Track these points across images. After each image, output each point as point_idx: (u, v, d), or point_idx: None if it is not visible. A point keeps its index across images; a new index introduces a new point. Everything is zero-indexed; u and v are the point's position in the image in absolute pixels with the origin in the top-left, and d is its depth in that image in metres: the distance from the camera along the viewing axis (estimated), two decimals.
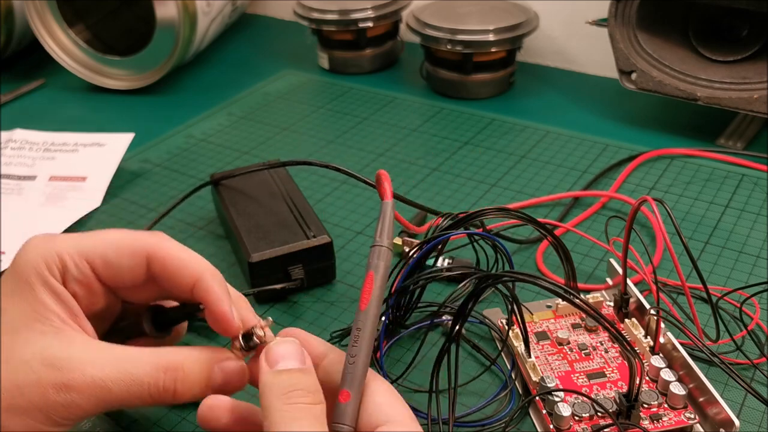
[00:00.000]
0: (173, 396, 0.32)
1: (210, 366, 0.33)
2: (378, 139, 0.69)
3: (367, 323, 0.32)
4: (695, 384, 0.38)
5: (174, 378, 0.32)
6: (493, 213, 0.39)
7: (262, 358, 0.32)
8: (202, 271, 0.34)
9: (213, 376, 0.33)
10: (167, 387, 0.32)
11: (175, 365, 0.32)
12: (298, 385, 0.30)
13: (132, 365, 0.32)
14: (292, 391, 0.30)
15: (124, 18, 0.88)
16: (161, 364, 0.32)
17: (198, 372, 0.33)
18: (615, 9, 0.65)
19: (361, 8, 0.79)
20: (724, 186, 0.59)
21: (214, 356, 0.34)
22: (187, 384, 0.33)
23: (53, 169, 0.64)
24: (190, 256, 0.35)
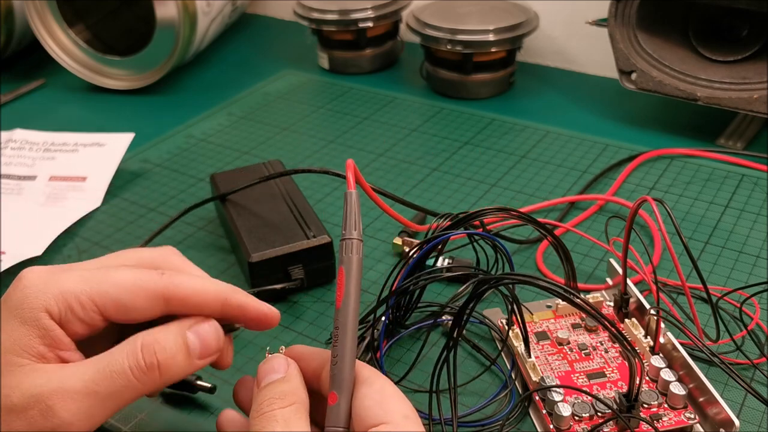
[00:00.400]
0: (159, 372, 0.32)
1: (182, 332, 0.33)
2: (378, 139, 0.69)
3: (345, 321, 0.32)
4: (695, 384, 0.38)
5: (152, 351, 0.32)
6: (493, 213, 0.39)
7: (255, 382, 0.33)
8: (225, 295, 0.34)
9: (190, 342, 0.33)
10: (150, 363, 0.32)
11: (148, 341, 0.32)
12: (272, 393, 0.31)
13: (109, 359, 0.31)
14: (265, 401, 0.31)
15: (124, 18, 0.88)
16: (135, 346, 0.32)
17: (173, 341, 0.33)
18: (615, 9, 0.65)
19: (361, 8, 0.79)
20: (724, 186, 0.59)
21: (184, 323, 0.34)
22: (167, 353, 0.32)
23: (53, 169, 0.64)
24: (206, 285, 0.34)
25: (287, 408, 0.31)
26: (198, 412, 0.41)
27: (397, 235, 0.53)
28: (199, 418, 0.41)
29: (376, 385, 0.31)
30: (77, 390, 0.30)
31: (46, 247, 0.54)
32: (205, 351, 0.34)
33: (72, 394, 0.30)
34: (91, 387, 0.31)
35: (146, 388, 0.32)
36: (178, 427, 0.40)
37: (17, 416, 0.30)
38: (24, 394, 0.30)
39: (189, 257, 0.38)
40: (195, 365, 0.33)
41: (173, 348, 0.32)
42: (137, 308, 0.33)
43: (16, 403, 0.30)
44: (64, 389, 0.30)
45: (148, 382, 0.32)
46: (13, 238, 0.55)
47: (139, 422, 0.40)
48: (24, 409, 0.30)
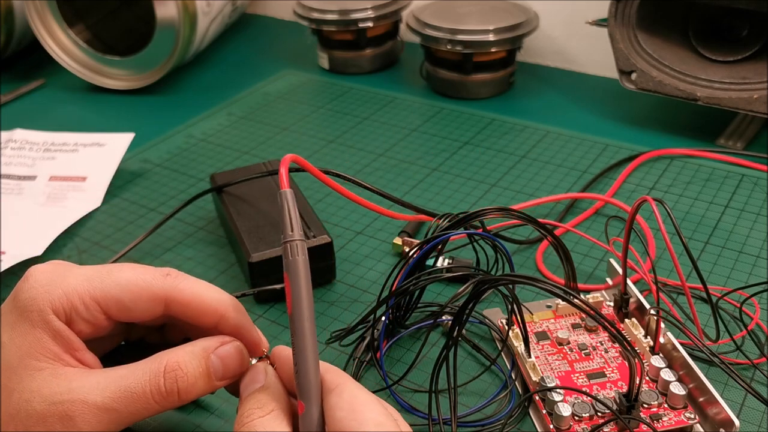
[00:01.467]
0: (179, 396, 0.32)
1: (206, 356, 0.33)
2: (378, 139, 0.69)
3: (302, 327, 0.31)
4: (695, 384, 0.38)
5: (174, 378, 0.32)
6: (493, 213, 0.39)
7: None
8: (224, 309, 0.35)
9: (212, 365, 0.33)
10: (170, 389, 0.32)
11: (171, 366, 0.32)
12: (252, 404, 0.32)
13: (131, 381, 0.32)
14: (245, 413, 0.31)
15: (124, 18, 0.88)
16: (158, 369, 0.32)
17: (196, 366, 0.33)
18: (615, 9, 0.65)
19: (361, 8, 0.79)
20: (724, 186, 0.59)
21: (208, 345, 0.34)
22: (189, 380, 0.33)
23: (53, 169, 0.64)
24: (208, 293, 0.35)
25: (266, 417, 0.31)
26: (198, 412, 0.41)
27: (397, 235, 0.53)
28: (199, 418, 0.41)
29: (345, 394, 0.31)
30: (97, 405, 0.31)
31: (46, 247, 0.54)
32: (227, 374, 0.34)
33: (92, 407, 0.31)
34: (111, 404, 0.31)
35: (164, 409, 0.32)
36: (178, 427, 0.40)
37: (37, 422, 0.31)
38: (45, 401, 0.31)
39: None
40: (216, 386, 0.34)
41: (195, 374, 0.33)
42: (139, 309, 0.34)
43: (38, 410, 0.31)
44: (84, 402, 0.31)
45: (166, 405, 0.32)
46: (13, 238, 0.55)
47: (139, 422, 0.40)
48: (45, 417, 0.31)
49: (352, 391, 0.31)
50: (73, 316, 0.33)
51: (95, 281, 0.33)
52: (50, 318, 0.32)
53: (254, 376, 0.33)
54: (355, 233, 0.55)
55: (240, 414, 0.32)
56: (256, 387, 0.33)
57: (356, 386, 0.31)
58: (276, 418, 0.31)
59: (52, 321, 0.32)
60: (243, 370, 0.34)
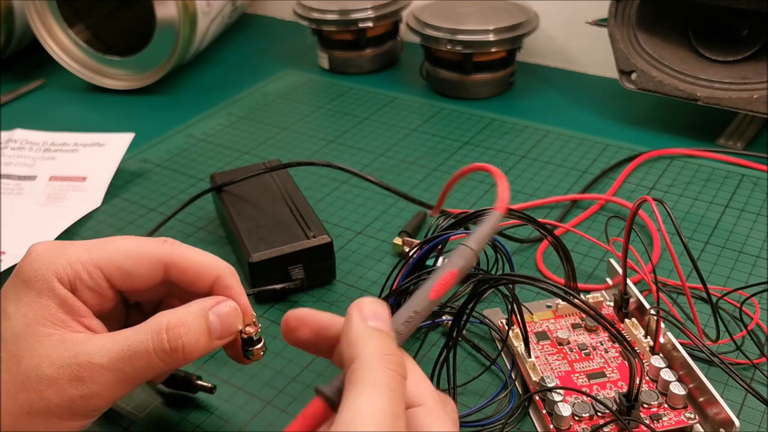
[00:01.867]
0: (183, 353, 0.33)
1: (205, 315, 0.34)
2: (378, 139, 0.69)
3: (424, 311, 0.31)
4: (695, 384, 0.38)
5: (177, 335, 0.33)
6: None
7: (354, 308, 0.30)
8: (220, 271, 0.36)
9: (212, 324, 0.34)
10: (174, 346, 0.33)
11: (174, 323, 0.33)
12: (393, 351, 0.28)
13: (134, 340, 0.33)
14: (390, 355, 0.28)
15: (124, 18, 0.88)
16: (160, 327, 0.33)
17: (197, 323, 0.34)
18: (615, 9, 0.65)
19: (361, 8, 0.79)
20: (724, 186, 0.59)
21: (205, 304, 0.34)
22: (191, 337, 0.33)
23: (53, 169, 0.64)
24: (205, 258, 0.36)
25: (404, 380, 0.28)
26: (198, 412, 0.41)
27: (397, 235, 0.53)
28: (199, 418, 0.41)
29: (418, 371, 0.30)
30: (104, 365, 0.32)
31: None
32: (225, 332, 0.35)
33: (99, 368, 0.32)
34: (117, 364, 0.32)
35: (168, 367, 0.33)
36: (178, 427, 0.40)
37: (48, 385, 0.31)
38: (54, 364, 0.32)
39: None
40: (214, 345, 0.34)
41: (197, 331, 0.33)
42: (140, 275, 0.35)
43: (48, 374, 0.32)
44: (92, 363, 0.32)
45: (170, 362, 0.33)
46: (13, 238, 0.55)
47: (139, 422, 0.40)
48: (54, 380, 0.31)
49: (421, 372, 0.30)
50: (78, 285, 0.34)
51: (96, 250, 0.35)
52: (55, 286, 0.33)
53: (383, 315, 0.30)
54: (355, 233, 0.55)
55: (376, 342, 0.28)
56: (385, 328, 0.29)
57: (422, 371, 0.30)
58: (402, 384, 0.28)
59: (57, 288, 0.33)
60: (237, 330, 0.35)
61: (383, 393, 0.26)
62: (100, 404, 0.32)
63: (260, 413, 0.41)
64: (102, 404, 0.33)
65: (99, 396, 0.32)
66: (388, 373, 0.27)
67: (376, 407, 0.26)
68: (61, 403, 0.31)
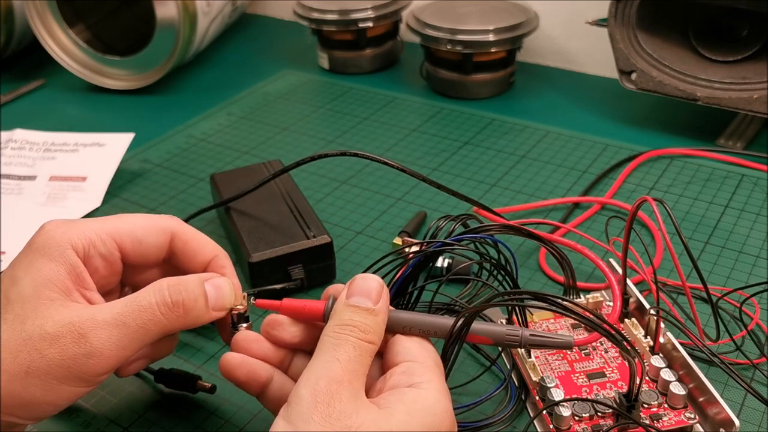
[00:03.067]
0: (184, 310, 0.34)
1: (202, 282, 0.35)
2: (378, 139, 0.69)
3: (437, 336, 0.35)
4: (695, 384, 0.38)
5: (178, 291, 0.34)
6: (495, 230, 0.39)
7: (346, 285, 0.34)
8: (217, 251, 0.38)
9: (208, 292, 0.35)
10: (176, 300, 0.34)
11: (173, 282, 0.34)
12: (355, 321, 0.33)
13: (137, 296, 0.34)
14: (347, 325, 0.33)
15: (124, 18, 0.88)
16: (162, 285, 0.34)
17: (196, 285, 0.35)
18: (615, 9, 0.65)
19: (361, 8, 0.79)
20: (724, 186, 0.59)
21: (202, 275, 0.36)
22: (190, 295, 0.34)
23: (53, 169, 0.64)
24: (205, 237, 0.39)
25: (363, 342, 0.32)
26: (198, 412, 0.41)
27: (397, 235, 0.53)
28: (199, 418, 0.41)
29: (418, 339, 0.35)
30: (107, 321, 0.32)
31: None
32: (220, 303, 0.36)
33: (102, 324, 0.32)
34: (120, 319, 0.33)
35: (171, 324, 0.34)
36: (178, 427, 0.40)
37: (50, 344, 0.32)
38: (57, 323, 0.32)
39: None
40: (211, 315, 0.36)
41: (195, 291, 0.35)
42: (149, 243, 0.37)
43: (50, 332, 0.32)
44: (95, 320, 0.32)
45: (172, 319, 0.34)
46: (13, 238, 0.55)
47: (140, 421, 0.40)
48: (57, 337, 0.32)
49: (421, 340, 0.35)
50: (91, 252, 0.35)
51: (108, 222, 0.36)
52: (68, 253, 0.34)
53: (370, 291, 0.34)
54: (355, 233, 0.55)
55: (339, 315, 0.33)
56: (367, 304, 0.33)
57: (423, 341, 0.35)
58: (370, 352, 0.33)
59: (69, 255, 0.34)
60: (230, 304, 0.36)
61: (329, 359, 0.31)
62: (102, 365, 0.32)
63: (260, 413, 0.41)
64: (103, 365, 0.32)
65: (101, 354, 0.32)
66: (339, 337, 0.32)
67: (317, 373, 0.31)
68: (62, 362, 0.31)
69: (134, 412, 0.41)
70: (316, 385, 0.30)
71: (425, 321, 0.35)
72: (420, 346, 0.34)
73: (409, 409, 0.31)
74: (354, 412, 0.30)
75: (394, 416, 0.30)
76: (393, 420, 0.30)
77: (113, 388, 0.42)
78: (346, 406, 0.30)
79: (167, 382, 0.42)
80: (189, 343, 0.46)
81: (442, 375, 0.33)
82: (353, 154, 0.49)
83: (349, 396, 0.30)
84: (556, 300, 0.34)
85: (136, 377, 0.43)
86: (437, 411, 0.31)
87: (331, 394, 0.30)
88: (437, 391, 0.32)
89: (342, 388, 0.30)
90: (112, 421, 0.40)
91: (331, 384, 0.30)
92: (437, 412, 0.31)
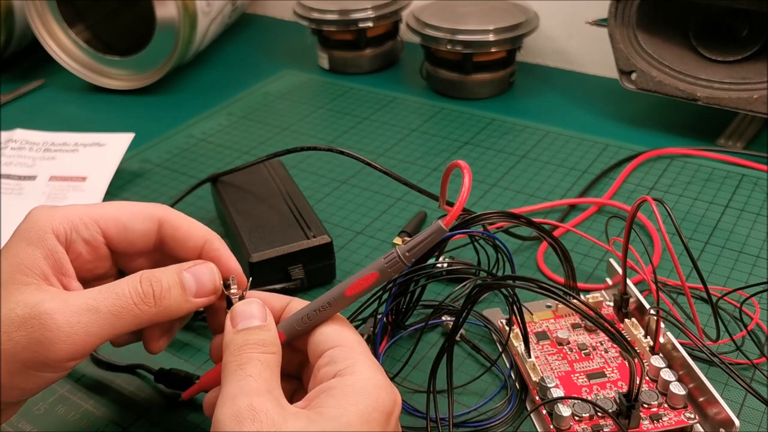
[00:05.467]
0: (155, 300, 0.34)
1: (179, 271, 0.35)
2: (378, 139, 0.69)
3: (337, 304, 0.34)
4: (695, 384, 0.38)
5: (149, 281, 0.34)
6: (494, 217, 0.39)
7: (228, 318, 0.34)
8: (209, 236, 0.37)
9: (186, 281, 0.35)
10: (146, 291, 0.34)
11: (147, 274, 0.34)
12: (252, 340, 0.32)
13: (115, 284, 0.34)
14: (245, 345, 0.32)
15: (124, 18, 0.88)
16: (136, 276, 0.34)
17: (170, 276, 0.35)
18: (615, 9, 0.65)
19: (361, 8, 0.79)
20: (724, 186, 0.59)
21: (182, 264, 0.36)
22: (162, 285, 0.34)
23: (53, 169, 0.64)
24: (195, 223, 0.38)
25: (268, 355, 0.32)
26: (198, 412, 0.41)
27: (397, 235, 0.53)
28: (199, 418, 0.41)
29: (336, 321, 0.34)
30: (78, 305, 0.32)
31: None
32: (201, 290, 0.35)
33: (73, 307, 0.32)
34: (92, 303, 0.32)
35: (144, 314, 0.34)
36: (178, 427, 0.40)
37: (18, 327, 0.31)
38: (26, 306, 0.32)
39: None
40: (192, 303, 0.35)
41: (168, 282, 0.34)
42: (135, 229, 0.36)
43: (20, 314, 0.31)
44: (65, 303, 0.32)
45: (145, 309, 0.33)
46: None
47: (140, 421, 0.40)
48: (26, 320, 0.31)
49: (342, 319, 0.35)
50: (73, 236, 0.35)
51: (95, 207, 0.36)
52: (47, 236, 0.34)
53: (254, 312, 0.34)
54: (355, 233, 0.55)
55: (237, 343, 0.32)
56: (254, 323, 0.33)
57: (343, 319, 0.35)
58: (275, 362, 0.32)
59: (48, 239, 0.34)
60: (215, 291, 0.36)
61: (240, 378, 0.30)
62: (69, 350, 0.31)
63: None
64: (71, 350, 0.31)
65: (68, 339, 0.31)
66: (242, 356, 0.31)
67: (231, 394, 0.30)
68: (29, 346, 0.31)
69: (134, 412, 0.41)
70: (234, 405, 0.29)
71: (318, 301, 0.34)
72: (339, 329, 0.34)
73: (339, 402, 0.29)
74: (282, 422, 0.28)
75: (324, 415, 0.29)
76: (324, 419, 0.29)
77: (113, 388, 0.42)
78: (274, 416, 0.28)
79: (167, 382, 0.42)
80: (189, 343, 0.46)
81: (366, 351, 0.32)
82: (339, 151, 0.50)
83: (273, 405, 0.29)
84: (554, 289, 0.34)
85: (136, 377, 0.43)
86: (370, 391, 0.30)
87: (254, 409, 0.29)
88: (365, 370, 0.31)
89: (264, 399, 0.29)
90: (112, 421, 0.40)
91: (250, 398, 0.29)
92: (370, 392, 0.30)
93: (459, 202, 0.33)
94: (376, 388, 0.30)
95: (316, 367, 0.33)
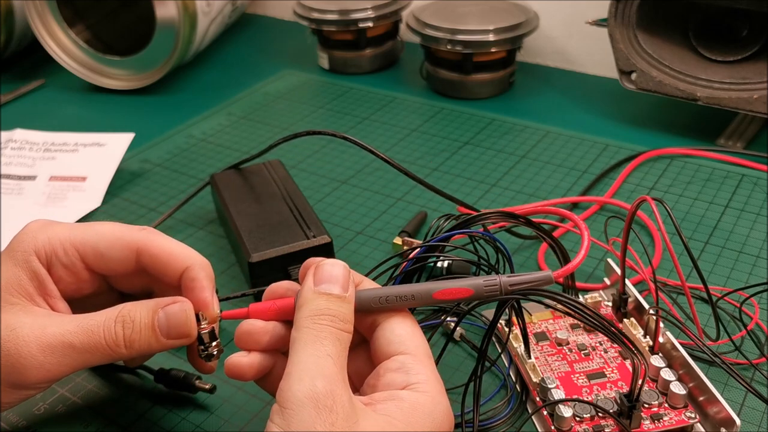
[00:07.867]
0: (126, 344, 0.34)
1: (155, 310, 0.35)
2: (378, 139, 0.69)
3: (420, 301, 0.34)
4: (695, 383, 0.38)
5: (122, 324, 0.34)
6: (494, 217, 0.39)
7: (310, 273, 0.33)
8: (190, 262, 0.37)
9: (158, 320, 0.34)
10: (118, 333, 0.34)
11: (123, 314, 0.34)
12: (332, 310, 0.32)
13: (89, 320, 0.34)
14: (324, 314, 0.31)
15: (124, 18, 0.88)
16: (113, 315, 0.34)
17: (144, 316, 0.34)
18: (615, 9, 0.65)
19: (361, 8, 0.79)
20: (724, 186, 0.59)
21: (161, 301, 0.35)
22: (135, 329, 0.34)
23: (53, 169, 0.64)
24: (179, 248, 0.37)
25: (344, 333, 0.32)
26: (198, 412, 0.41)
27: (397, 235, 0.53)
28: (199, 418, 0.41)
29: (408, 320, 0.34)
30: (55, 335, 0.33)
31: None
32: (173, 331, 0.35)
33: (49, 338, 0.33)
34: (68, 338, 0.33)
35: (116, 354, 0.34)
36: (178, 427, 0.40)
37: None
38: (7, 328, 0.33)
39: None
40: (163, 344, 0.35)
41: (140, 324, 0.34)
42: (112, 257, 0.37)
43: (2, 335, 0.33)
44: (42, 331, 0.33)
45: (116, 350, 0.34)
46: None
47: (140, 421, 0.40)
48: (3, 341, 0.32)
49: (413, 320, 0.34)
50: (53, 260, 0.36)
51: (77, 231, 0.36)
52: (31, 258, 0.35)
53: (339, 277, 0.33)
54: (355, 233, 0.55)
55: (312, 304, 0.32)
56: (337, 291, 0.32)
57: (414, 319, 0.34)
58: (347, 340, 0.32)
59: (32, 261, 0.35)
60: (187, 331, 0.35)
61: (320, 355, 0.30)
62: (42, 377, 0.33)
63: (260, 413, 0.41)
64: (41, 377, 0.33)
65: (40, 367, 0.32)
66: (319, 327, 0.31)
67: (310, 371, 0.29)
68: (4, 367, 0.32)
69: (134, 412, 0.41)
70: (314, 386, 0.28)
71: (401, 288, 0.33)
72: (411, 333, 0.33)
73: (409, 419, 0.30)
74: (354, 419, 0.28)
75: (392, 425, 0.29)
76: (393, 430, 0.29)
77: (113, 388, 0.42)
78: (349, 411, 0.28)
79: (167, 382, 0.42)
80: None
81: (434, 367, 0.33)
82: (342, 136, 0.50)
83: (348, 398, 0.29)
84: (557, 296, 0.34)
85: (136, 377, 0.43)
86: (436, 415, 0.31)
87: (334, 398, 0.28)
88: (436, 394, 0.31)
89: (340, 389, 0.29)
90: (112, 421, 0.40)
91: (329, 385, 0.29)
92: (436, 416, 0.31)
93: (575, 261, 0.36)
94: (442, 414, 0.31)
95: (383, 367, 0.32)
